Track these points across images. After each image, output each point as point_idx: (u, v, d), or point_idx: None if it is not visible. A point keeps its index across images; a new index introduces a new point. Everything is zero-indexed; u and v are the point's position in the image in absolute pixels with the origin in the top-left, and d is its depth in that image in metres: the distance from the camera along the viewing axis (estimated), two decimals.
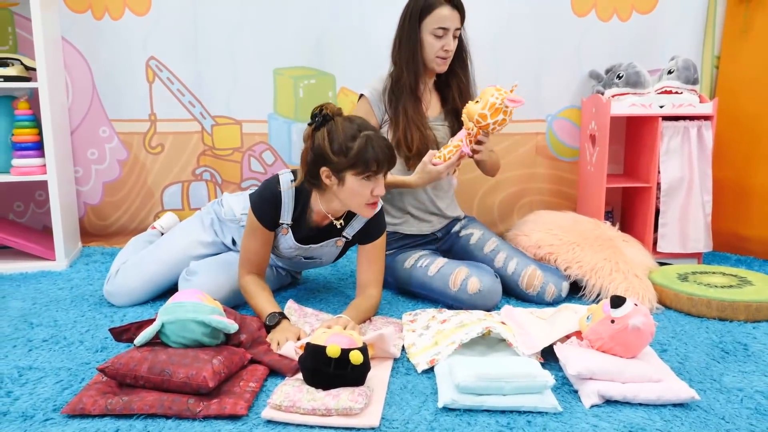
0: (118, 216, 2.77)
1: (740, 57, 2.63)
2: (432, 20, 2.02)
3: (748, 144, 2.59)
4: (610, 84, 2.53)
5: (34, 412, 1.32)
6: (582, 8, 2.69)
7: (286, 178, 1.81)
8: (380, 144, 1.67)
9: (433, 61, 2.07)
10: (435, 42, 2.03)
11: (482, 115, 1.90)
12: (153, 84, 2.67)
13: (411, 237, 2.16)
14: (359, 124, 1.70)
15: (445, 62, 2.08)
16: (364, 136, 1.66)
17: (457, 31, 2.05)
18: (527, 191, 2.83)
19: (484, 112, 1.90)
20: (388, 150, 1.69)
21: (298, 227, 1.86)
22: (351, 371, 1.35)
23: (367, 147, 1.65)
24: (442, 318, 1.76)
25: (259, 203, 1.81)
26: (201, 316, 1.46)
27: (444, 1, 2.02)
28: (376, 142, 1.67)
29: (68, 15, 2.58)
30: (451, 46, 2.05)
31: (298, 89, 2.71)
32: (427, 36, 2.04)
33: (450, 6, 2.02)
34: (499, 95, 1.89)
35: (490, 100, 1.89)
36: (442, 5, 2.01)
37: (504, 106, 1.89)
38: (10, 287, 2.16)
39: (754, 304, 1.86)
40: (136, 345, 1.47)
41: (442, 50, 2.04)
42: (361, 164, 1.65)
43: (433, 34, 2.03)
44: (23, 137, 2.36)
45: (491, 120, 1.90)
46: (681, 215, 2.44)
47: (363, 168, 1.66)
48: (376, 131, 1.71)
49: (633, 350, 1.47)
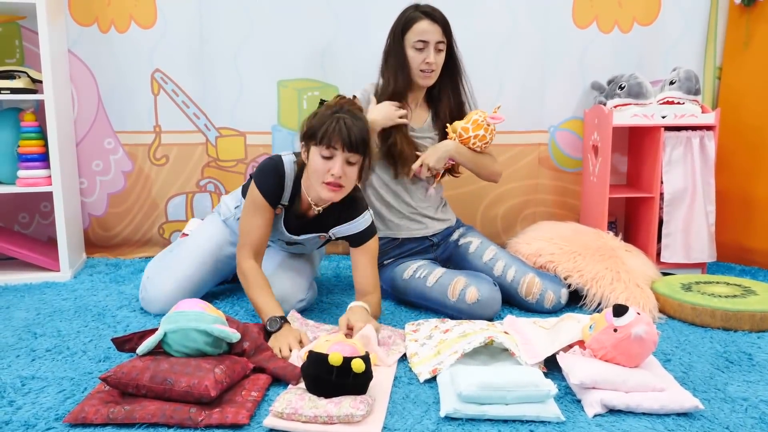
0: (122, 227, 2.78)
1: (742, 68, 2.64)
2: (412, 34, 2.07)
3: (750, 155, 2.59)
4: (612, 95, 2.54)
5: (36, 421, 1.32)
6: (583, 20, 2.71)
7: (289, 158, 1.85)
8: (348, 125, 1.68)
9: (417, 74, 2.10)
10: (416, 55, 2.07)
11: (465, 129, 2.12)
12: (158, 96, 2.69)
13: (408, 243, 2.17)
14: (343, 107, 1.73)
15: (428, 75, 2.10)
16: (336, 115, 1.70)
17: (440, 44, 2.08)
18: (530, 202, 2.83)
19: (467, 126, 2.12)
20: (352, 132, 1.68)
21: (289, 212, 1.89)
22: (353, 380, 1.34)
23: (332, 123, 1.68)
24: (445, 328, 1.76)
25: (264, 178, 1.82)
26: (203, 325, 1.46)
27: (423, 15, 2.07)
28: (345, 122, 1.68)
29: (75, 28, 2.61)
30: (432, 59, 2.06)
31: (302, 101, 2.72)
32: (409, 50, 2.08)
33: (429, 20, 2.06)
34: (482, 114, 2.13)
35: (473, 117, 2.12)
36: (422, 19, 2.06)
37: (486, 123, 2.10)
38: (14, 298, 2.16)
39: (759, 314, 1.85)
40: (139, 354, 1.47)
41: (424, 63, 2.07)
42: (321, 137, 1.68)
43: (414, 48, 2.07)
44: (29, 149, 2.38)
45: (472, 133, 2.10)
46: (684, 225, 2.44)
47: (322, 141, 1.68)
48: (355, 116, 1.72)
49: (636, 359, 1.47)
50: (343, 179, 1.72)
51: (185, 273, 1.99)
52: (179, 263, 2.01)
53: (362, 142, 1.71)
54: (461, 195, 2.74)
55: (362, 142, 1.71)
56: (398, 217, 2.17)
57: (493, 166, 2.24)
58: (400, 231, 2.17)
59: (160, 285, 1.98)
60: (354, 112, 1.74)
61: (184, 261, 2.01)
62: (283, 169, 1.84)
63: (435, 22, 2.06)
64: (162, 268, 2.02)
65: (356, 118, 1.72)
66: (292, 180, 1.85)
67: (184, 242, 2.11)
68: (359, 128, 1.70)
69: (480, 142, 2.12)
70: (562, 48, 2.71)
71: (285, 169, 1.84)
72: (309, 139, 1.73)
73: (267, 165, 1.85)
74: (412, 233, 2.18)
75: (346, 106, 1.75)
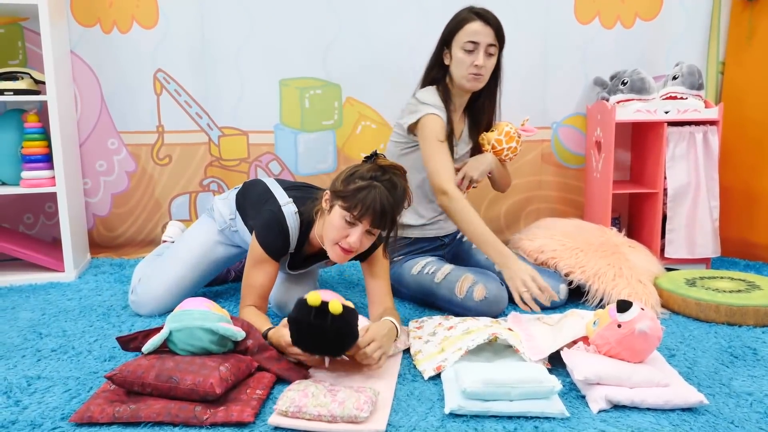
0: (126, 227, 2.79)
1: (745, 62, 2.63)
2: (463, 35, 2.00)
3: (754, 149, 2.59)
4: (615, 90, 2.53)
5: (42, 420, 1.32)
6: (585, 16, 2.70)
7: (289, 210, 1.76)
8: (380, 198, 1.57)
9: (464, 78, 2.01)
10: (466, 57, 1.99)
11: (498, 140, 2.13)
12: (161, 96, 2.69)
13: (420, 242, 2.17)
14: (383, 176, 1.61)
15: (475, 79, 2.01)
16: (373, 184, 1.59)
17: (491, 48, 2.00)
18: (534, 199, 2.83)
19: (500, 137, 2.12)
20: (384, 209, 1.57)
21: (296, 255, 1.85)
22: (331, 323, 1.37)
23: (366, 191, 1.58)
24: (449, 325, 1.76)
25: (269, 237, 1.73)
26: (209, 323, 1.47)
27: (475, 16, 2.00)
28: (379, 194, 1.57)
29: (77, 29, 2.61)
30: (481, 62, 1.97)
31: (304, 99, 2.73)
32: (458, 51, 2.00)
33: (482, 21, 1.99)
34: (513, 126, 2.15)
35: (506, 129, 2.13)
36: (474, 20, 1.99)
37: (517, 135, 2.14)
38: (19, 298, 2.17)
39: (763, 309, 1.85)
40: (144, 353, 1.47)
41: (473, 66, 1.98)
42: (350, 200, 1.58)
43: (463, 49, 1.99)
44: (33, 150, 2.38)
45: (506, 145, 2.11)
46: (688, 221, 2.43)
47: (350, 204, 1.58)
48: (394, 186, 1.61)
49: (640, 355, 1.46)
50: (358, 248, 1.63)
51: (176, 276, 1.98)
52: (170, 266, 2.00)
53: (391, 220, 1.61)
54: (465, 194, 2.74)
55: (391, 220, 1.61)
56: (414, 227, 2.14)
57: (509, 177, 2.27)
58: (414, 233, 2.15)
59: (151, 288, 1.98)
60: (393, 180, 1.62)
61: (176, 264, 2.00)
62: (286, 224, 1.74)
63: (488, 24, 1.98)
64: (153, 271, 2.02)
65: (394, 189, 1.61)
66: (297, 231, 1.76)
67: (175, 245, 2.10)
68: (391, 204, 1.59)
69: (512, 154, 2.14)
70: (564, 44, 2.71)
71: (288, 224, 1.75)
72: (338, 198, 1.62)
73: (269, 222, 1.75)
74: (425, 234, 2.17)
75: (387, 173, 1.62)
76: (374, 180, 1.60)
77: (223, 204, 2.04)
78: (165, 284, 1.97)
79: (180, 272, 1.99)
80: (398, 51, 2.68)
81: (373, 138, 2.74)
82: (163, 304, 1.97)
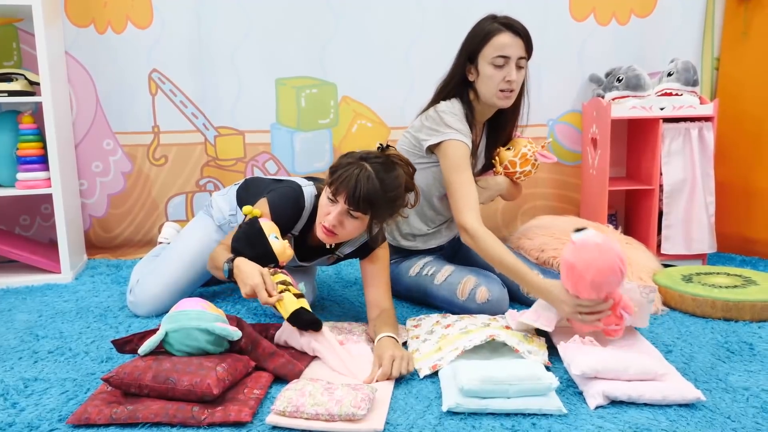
0: (123, 228, 2.79)
1: (740, 58, 2.63)
2: (491, 49, 1.85)
3: (750, 145, 2.59)
4: (611, 87, 2.53)
5: (39, 422, 1.32)
6: (580, 13, 2.70)
7: (309, 191, 1.75)
8: (360, 177, 1.54)
9: (494, 95, 1.88)
10: (495, 73, 1.84)
11: (512, 162, 2.00)
12: (156, 96, 2.69)
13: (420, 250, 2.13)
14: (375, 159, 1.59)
15: (507, 96, 1.88)
16: (359, 163, 1.57)
17: (521, 60, 1.86)
18: (530, 196, 2.83)
19: (515, 159, 2.00)
20: (360, 189, 1.53)
21: (301, 241, 1.82)
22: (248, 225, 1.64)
23: (349, 167, 1.57)
24: (446, 323, 1.76)
25: (282, 204, 1.73)
26: (205, 323, 1.47)
27: (503, 27, 1.85)
28: (360, 173, 1.54)
29: (71, 29, 2.61)
30: (514, 77, 1.84)
31: (300, 99, 2.72)
32: (486, 67, 1.86)
33: (511, 33, 1.84)
34: (532, 147, 1.98)
35: (523, 150, 1.99)
36: (502, 32, 1.85)
37: (534, 159, 1.99)
38: (16, 300, 2.17)
39: (759, 304, 1.86)
40: (141, 355, 1.47)
41: (504, 81, 1.85)
42: (333, 175, 1.59)
43: (492, 64, 1.85)
44: (28, 151, 2.38)
45: (519, 169, 2.00)
46: (684, 217, 2.44)
47: (331, 179, 1.59)
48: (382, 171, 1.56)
49: (595, 266, 1.50)
50: (337, 228, 1.61)
51: (174, 274, 1.98)
52: (167, 265, 2.00)
53: (367, 202, 1.55)
54: None
55: (366, 203, 1.56)
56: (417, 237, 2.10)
57: (519, 192, 2.19)
58: (418, 245, 2.10)
59: (148, 287, 1.97)
60: (387, 165, 1.58)
61: (172, 262, 2.00)
62: (304, 202, 1.73)
63: (517, 35, 1.84)
64: (150, 271, 2.01)
65: (383, 173, 1.56)
66: (309, 213, 1.75)
67: (171, 244, 2.09)
68: (374, 186, 1.54)
69: (525, 177, 2.03)
70: (560, 41, 2.71)
71: (305, 202, 1.74)
72: (329, 176, 1.62)
73: (288, 193, 1.74)
74: (428, 245, 2.11)
75: (384, 159, 1.59)
76: (364, 160, 1.58)
77: (223, 200, 2.03)
78: (162, 283, 1.97)
79: (177, 270, 1.98)
80: (394, 50, 2.68)
81: (369, 137, 2.74)
82: (160, 304, 1.96)
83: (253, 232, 1.64)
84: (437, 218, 2.08)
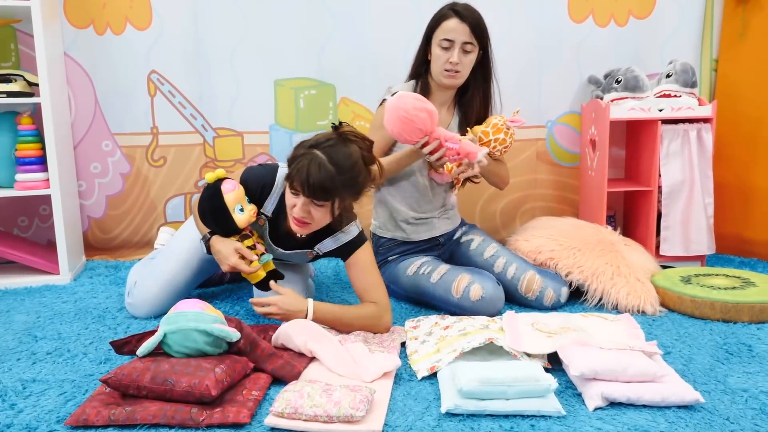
0: (121, 229, 2.78)
1: (738, 60, 2.64)
2: (440, 32, 2.00)
3: (748, 146, 2.60)
4: (609, 89, 2.54)
5: (37, 423, 1.32)
6: (579, 14, 2.71)
7: (283, 172, 1.80)
8: (310, 168, 1.57)
9: (440, 74, 2.03)
10: (442, 54, 2.00)
11: (485, 132, 2.04)
12: (155, 97, 2.69)
13: (415, 242, 2.16)
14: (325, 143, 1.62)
15: (451, 76, 2.01)
16: (309, 152, 1.60)
17: (467, 46, 1.99)
18: (529, 197, 2.83)
19: (487, 130, 2.04)
20: (313, 180, 1.57)
21: (276, 227, 1.86)
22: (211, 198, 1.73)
23: (300, 160, 1.61)
24: (445, 324, 1.76)
25: (252, 176, 1.82)
26: (203, 325, 1.46)
27: (453, 13, 1.99)
28: (310, 163, 1.58)
29: (70, 30, 2.60)
30: (456, 59, 1.98)
31: (299, 100, 2.72)
32: (435, 48, 2.02)
33: (458, 18, 1.98)
34: (501, 117, 2.06)
35: (493, 120, 2.05)
36: (451, 17, 1.99)
37: (506, 127, 2.03)
38: (14, 301, 2.17)
39: (758, 305, 1.86)
40: (139, 356, 1.47)
41: (448, 62, 1.99)
42: (289, 169, 1.65)
43: (439, 46, 2.00)
44: (27, 152, 2.38)
45: (492, 137, 2.03)
46: (683, 218, 2.44)
47: (289, 173, 1.65)
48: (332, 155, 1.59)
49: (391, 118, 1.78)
50: (307, 218, 1.66)
51: (170, 274, 1.98)
52: (164, 265, 2.00)
53: (323, 190, 1.59)
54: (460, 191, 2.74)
55: (322, 191, 1.59)
56: (406, 224, 2.14)
57: (504, 172, 2.19)
58: (408, 235, 2.14)
59: (146, 289, 1.97)
60: (337, 148, 1.61)
61: (169, 262, 2.00)
62: (274, 179, 1.80)
63: (463, 21, 1.97)
64: (148, 272, 2.01)
65: (334, 157, 1.59)
66: (278, 195, 1.81)
67: (168, 244, 2.10)
68: (326, 174, 1.57)
69: (500, 146, 2.05)
70: (558, 42, 2.71)
71: (276, 180, 1.80)
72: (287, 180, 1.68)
73: (263, 168, 1.84)
74: (420, 236, 2.15)
75: (334, 141, 1.63)
76: (314, 148, 1.61)
77: None
78: (159, 283, 1.97)
79: (174, 270, 1.98)
80: (393, 50, 2.68)
81: None
82: (158, 305, 1.96)
83: (217, 207, 1.74)
84: (423, 200, 2.13)
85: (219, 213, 1.75)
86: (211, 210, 1.76)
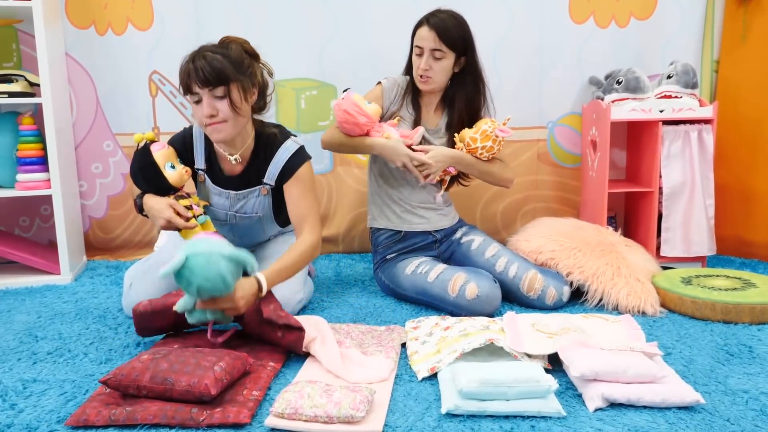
0: (122, 229, 2.79)
1: (739, 61, 2.64)
2: (415, 39, 2.12)
3: (749, 148, 2.59)
4: (610, 90, 2.54)
5: (38, 424, 1.32)
6: (580, 15, 2.71)
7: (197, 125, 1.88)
8: (198, 65, 1.62)
9: (416, 78, 2.14)
10: (415, 60, 2.12)
11: (473, 139, 2.09)
12: (156, 98, 2.69)
13: (411, 237, 2.18)
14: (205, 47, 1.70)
15: (423, 81, 2.12)
16: (192, 54, 1.67)
17: (436, 52, 2.06)
18: (530, 198, 2.83)
19: (475, 136, 2.09)
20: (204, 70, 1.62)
21: (213, 175, 1.91)
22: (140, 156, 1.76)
23: (187, 66, 1.65)
24: (446, 325, 1.76)
25: (174, 137, 1.92)
26: (228, 249, 1.50)
27: (424, 21, 2.09)
28: (196, 62, 1.63)
29: (72, 31, 2.61)
30: (425, 65, 2.07)
31: (300, 100, 2.72)
32: (413, 55, 2.14)
33: (427, 26, 2.06)
34: (492, 124, 2.09)
35: (483, 127, 2.09)
36: (422, 25, 2.09)
37: (494, 135, 2.07)
38: (15, 301, 2.17)
39: (759, 306, 1.86)
40: (160, 277, 1.46)
41: (420, 69, 2.10)
42: (182, 87, 1.68)
43: (414, 53, 2.12)
44: (28, 152, 2.38)
45: (480, 144, 2.08)
46: (684, 219, 2.44)
47: (185, 90, 1.68)
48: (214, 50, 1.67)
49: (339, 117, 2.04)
50: (219, 116, 1.70)
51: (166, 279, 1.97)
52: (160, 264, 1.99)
53: (217, 74, 1.64)
54: (461, 191, 2.73)
55: (216, 74, 1.64)
56: (400, 210, 2.18)
57: (503, 172, 2.18)
58: (402, 224, 2.18)
59: (143, 289, 1.96)
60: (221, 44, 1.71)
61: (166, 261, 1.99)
62: (191, 132, 1.90)
63: (432, 29, 2.05)
64: (144, 273, 2.01)
65: (215, 49, 1.67)
66: (202, 143, 1.89)
67: (163, 248, 2.09)
68: (213, 58, 1.63)
69: (487, 153, 2.10)
70: (559, 43, 2.71)
71: (193, 132, 1.90)
72: (183, 94, 1.73)
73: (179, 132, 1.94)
74: (413, 227, 2.18)
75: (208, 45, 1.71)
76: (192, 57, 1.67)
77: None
78: (156, 283, 1.97)
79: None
80: (394, 51, 2.66)
81: None
82: None
83: (146, 165, 1.76)
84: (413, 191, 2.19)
85: (149, 170, 1.77)
86: (141, 168, 1.78)
